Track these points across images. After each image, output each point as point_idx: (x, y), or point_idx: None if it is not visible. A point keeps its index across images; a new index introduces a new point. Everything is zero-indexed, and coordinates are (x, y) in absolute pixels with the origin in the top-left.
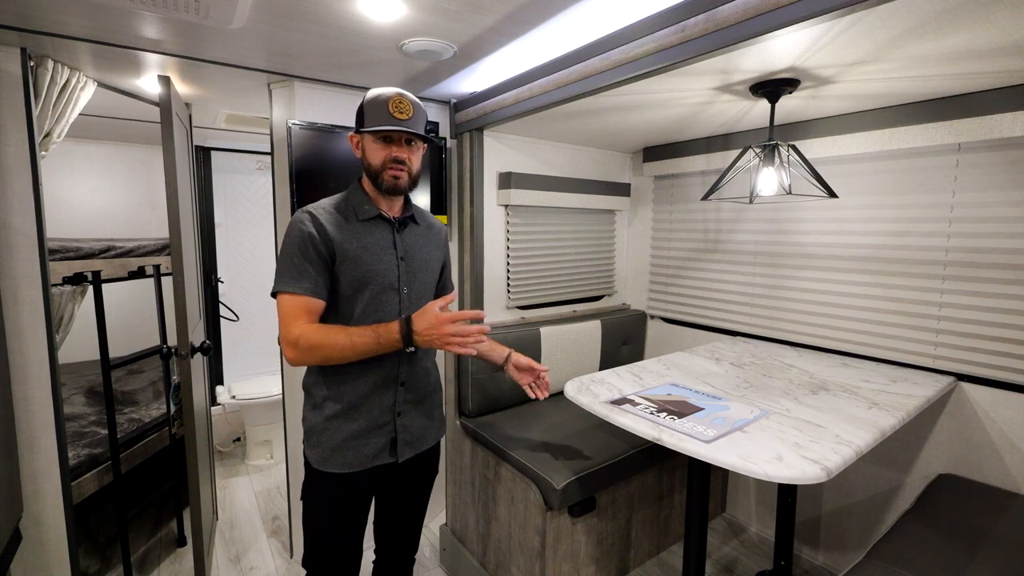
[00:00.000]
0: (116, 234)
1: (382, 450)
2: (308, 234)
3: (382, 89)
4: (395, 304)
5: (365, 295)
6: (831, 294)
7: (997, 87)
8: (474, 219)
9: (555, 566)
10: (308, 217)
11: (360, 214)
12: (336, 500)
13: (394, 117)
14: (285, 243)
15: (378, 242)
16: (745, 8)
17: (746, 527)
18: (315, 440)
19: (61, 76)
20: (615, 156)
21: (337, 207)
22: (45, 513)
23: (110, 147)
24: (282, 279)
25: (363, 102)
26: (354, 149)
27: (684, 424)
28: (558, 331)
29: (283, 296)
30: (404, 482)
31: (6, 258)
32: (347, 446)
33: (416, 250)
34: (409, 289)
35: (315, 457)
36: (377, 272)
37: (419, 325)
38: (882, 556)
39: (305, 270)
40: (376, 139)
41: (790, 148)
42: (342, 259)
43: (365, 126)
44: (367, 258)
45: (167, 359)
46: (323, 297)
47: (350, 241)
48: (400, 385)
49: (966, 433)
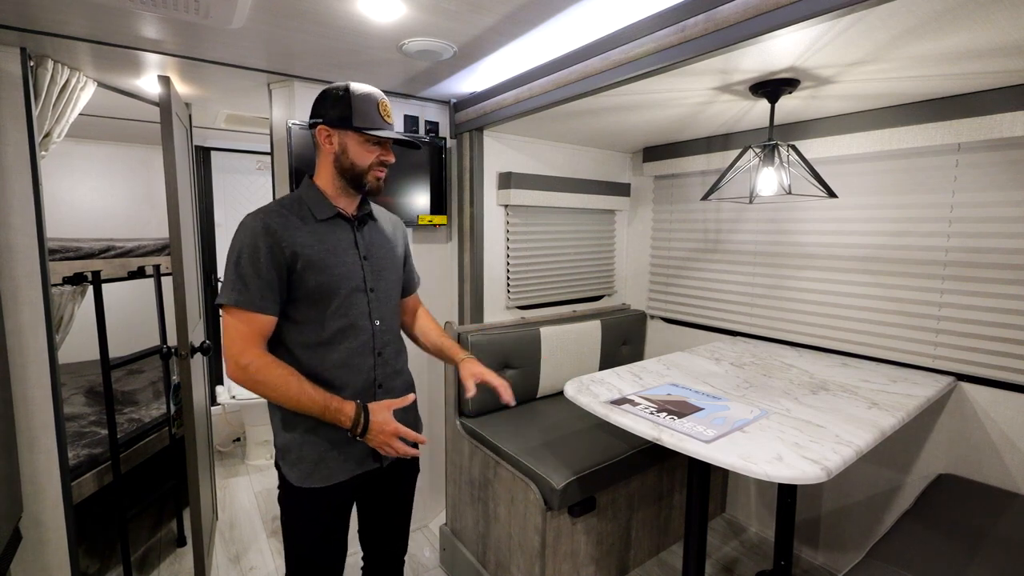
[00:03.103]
0: (116, 234)
1: (366, 457)
2: (262, 243)
3: (363, 86)
4: (364, 306)
5: (334, 301)
6: (831, 294)
7: (997, 87)
8: (474, 219)
9: (555, 566)
10: (261, 224)
11: (317, 214)
12: (320, 515)
13: (385, 121)
14: (236, 251)
15: (340, 243)
16: (745, 8)
17: (746, 527)
18: (293, 457)
19: (61, 76)
20: (615, 156)
21: (291, 209)
22: (45, 513)
23: (110, 147)
24: (232, 291)
25: (349, 97)
26: (323, 143)
27: (684, 424)
28: (558, 331)
29: (232, 310)
30: (388, 486)
31: (6, 258)
32: (329, 457)
33: (378, 247)
34: (376, 288)
35: (296, 475)
36: (343, 275)
37: (376, 418)
38: (882, 556)
39: (258, 283)
40: (366, 140)
41: (790, 148)
42: (304, 266)
43: (355, 124)
44: (331, 261)
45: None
46: (275, 312)
47: (311, 245)
48: (379, 388)
49: (966, 433)
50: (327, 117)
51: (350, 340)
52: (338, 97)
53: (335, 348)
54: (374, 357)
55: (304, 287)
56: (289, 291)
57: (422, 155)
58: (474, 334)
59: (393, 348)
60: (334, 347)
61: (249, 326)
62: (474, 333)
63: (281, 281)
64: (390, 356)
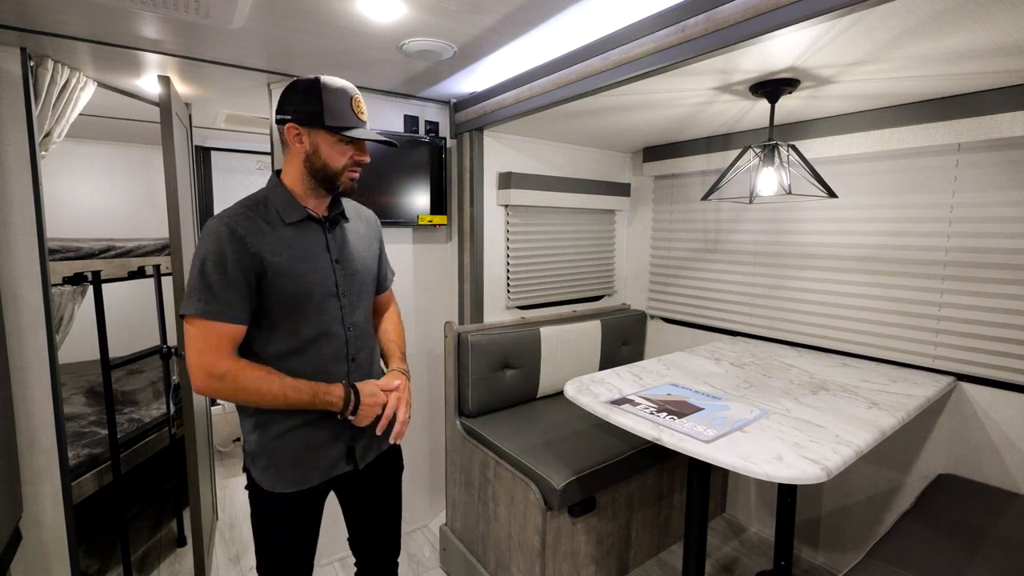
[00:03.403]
0: (116, 234)
1: (339, 459)
2: (229, 249)
3: (335, 80)
4: (336, 311)
5: (306, 309)
6: (831, 294)
7: (997, 87)
8: (474, 219)
9: (555, 566)
10: (226, 230)
11: (286, 217)
12: (292, 519)
13: (359, 118)
14: (200, 258)
15: (311, 247)
16: (745, 8)
17: (746, 527)
18: (265, 462)
19: (61, 76)
20: (615, 156)
21: (257, 212)
22: (45, 513)
23: (110, 147)
24: (198, 301)
25: (320, 93)
26: (291, 142)
27: (684, 424)
28: (558, 331)
29: (198, 321)
30: (371, 486)
31: (6, 258)
32: (303, 461)
33: (350, 248)
34: (348, 293)
35: (268, 480)
36: (315, 282)
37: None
38: (882, 556)
39: (226, 292)
40: (339, 140)
41: (790, 148)
42: (274, 274)
43: (328, 123)
44: (302, 268)
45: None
46: (245, 321)
47: (280, 252)
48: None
49: (966, 433)
50: (296, 114)
51: (323, 347)
52: (308, 92)
53: (307, 356)
54: (348, 363)
55: (274, 296)
56: (259, 299)
57: (422, 155)
58: (474, 334)
59: (367, 351)
60: (306, 355)
61: (218, 337)
62: (474, 333)
63: (250, 288)
64: (364, 360)
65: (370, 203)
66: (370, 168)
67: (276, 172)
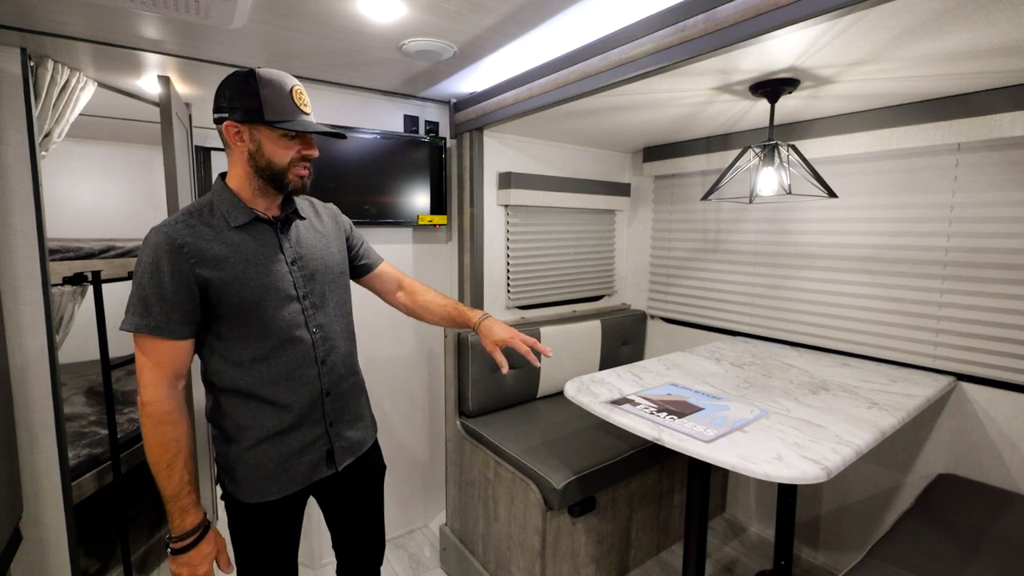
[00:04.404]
0: (116, 234)
1: (318, 464)
2: (165, 260)
3: (271, 72)
4: (298, 315)
5: (263, 315)
6: (831, 294)
7: (997, 87)
8: (474, 219)
9: (555, 566)
10: (164, 239)
11: (232, 220)
12: (271, 529)
13: (301, 111)
14: (138, 271)
15: (261, 250)
16: (745, 8)
17: (746, 527)
18: (239, 475)
19: (61, 76)
20: (615, 156)
21: (201, 218)
22: (45, 513)
23: (110, 147)
24: (133, 315)
25: (256, 86)
26: (232, 141)
27: (684, 424)
28: (558, 331)
29: (136, 336)
30: (353, 489)
31: (6, 258)
32: (280, 470)
33: (309, 247)
34: (311, 294)
35: (244, 491)
36: (266, 287)
37: (203, 550)
38: (882, 556)
39: (162, 306)
40: (281, 134)
41: (790, 148)
42: (221, 282)
43: (267, 118)
44: (252, 273)
45: None
46: (187, 336)
47: (226, 258)
48: (326, 395)
49: (966, 433)
50: (233, 111)
51: (288, 352)
52: (244, 87)
53: (272, 363)
54: (318, 366)
55: (224, 304)
56: (210, 308)
57: (422, 155)
58: (474, 334)
59: (340, 352)
60: (271, 362)
61: (156, 354)
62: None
63: (192, 300)
64: (336, 362)
65: (370, 203)
66: (370, 168)
67: (221, 175)
